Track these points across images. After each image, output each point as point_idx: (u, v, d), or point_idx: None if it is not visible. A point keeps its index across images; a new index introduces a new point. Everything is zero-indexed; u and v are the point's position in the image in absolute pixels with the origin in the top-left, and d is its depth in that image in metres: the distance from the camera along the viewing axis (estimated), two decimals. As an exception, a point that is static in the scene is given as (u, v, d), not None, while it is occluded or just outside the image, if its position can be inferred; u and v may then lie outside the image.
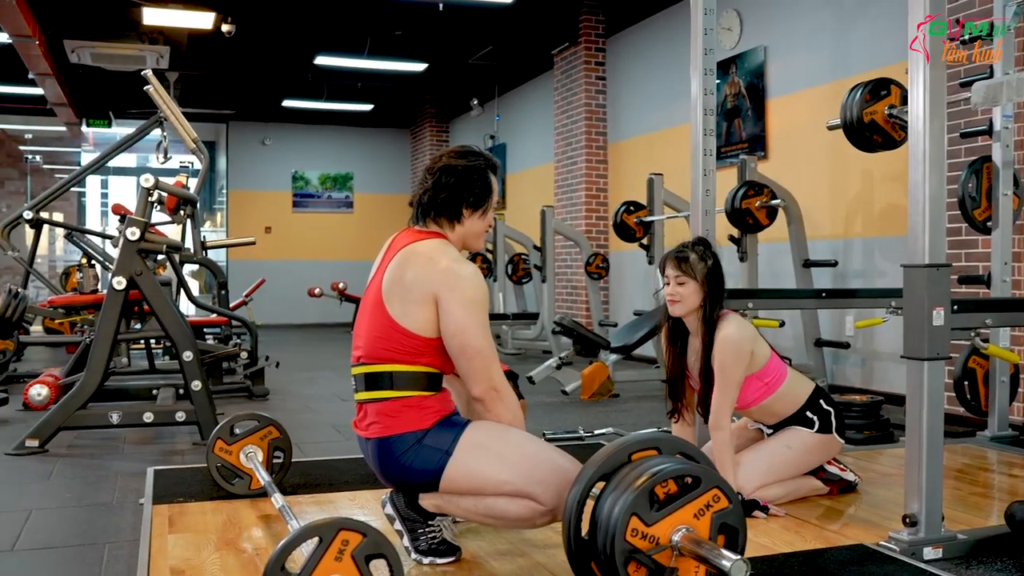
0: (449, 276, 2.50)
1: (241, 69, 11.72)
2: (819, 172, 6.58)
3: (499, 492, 2.47)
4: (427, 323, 2.50)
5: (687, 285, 3.23)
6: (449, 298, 2.48)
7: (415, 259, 2.55)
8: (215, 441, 3.39)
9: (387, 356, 2.52)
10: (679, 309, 3.27)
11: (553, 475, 2.43)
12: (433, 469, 2.48)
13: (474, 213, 2.66)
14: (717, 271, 3.27)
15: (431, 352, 2.52)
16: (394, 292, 2.54)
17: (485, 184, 2.66)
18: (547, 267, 8.65)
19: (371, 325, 2.58)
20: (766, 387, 3.24)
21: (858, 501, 3.36)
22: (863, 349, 6.21)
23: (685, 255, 3.26)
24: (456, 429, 2.51)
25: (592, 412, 5.81)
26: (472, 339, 2.48)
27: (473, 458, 2.47)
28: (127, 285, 4.56)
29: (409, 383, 2.51)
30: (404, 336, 2.50)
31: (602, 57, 9.65)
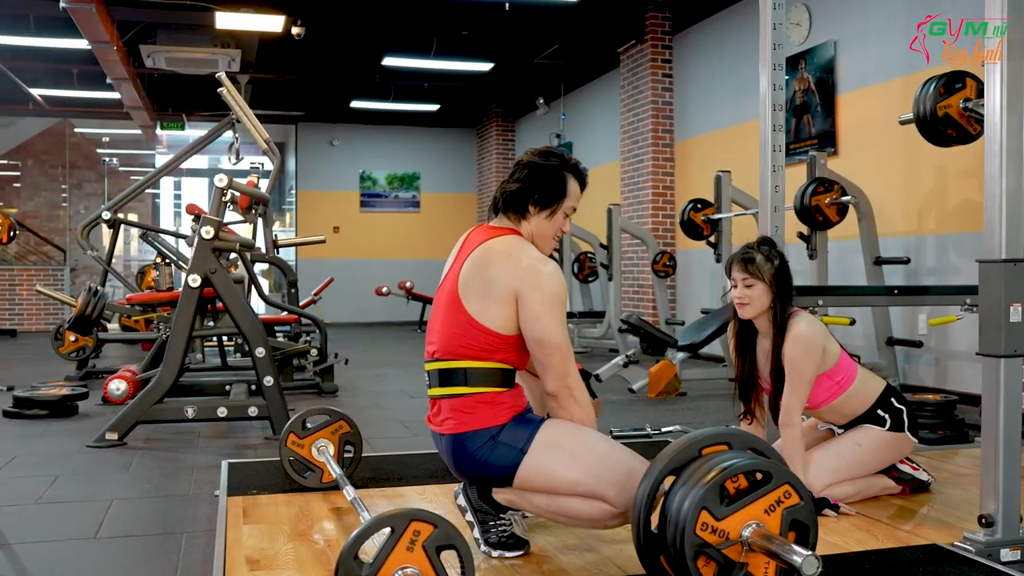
0: (531, 274, 2.51)
1: (310, 71, 11.91)
2: (891, 168, 6.47)
3: (572, 492, 2.48)
4: (506, 320, 2.53)
5: (755, 287, 3.20)
6: (531, 295, 2.49)
7: (495, 256, 2.57)
8: (287, 435, 3.45)
9: (462, 352, 2.55)
10: (748, 312, 3.24)
11: (625, 477, 2.43)
12: (508, 465, 2.51)
13: (541, 212, 2.66)
14: (785, 271, 3.24)
15: (507, 348, 2.55)
16: (472, 288, 2.56)
17: (557, 184, 2.65)
18: (613, 265, 8.63)
19: (446, 321, 2.61)
20: (837, 386, 3.21)
21: (931, 501, 3.31)
22: (936, 348, 6.09)
23: (751, 256, 3.23)
24: (531, 427, 2.53)
25: (659, 410, 5.79)
26: (550, 333, 2.50)
27: (547, 457, 2.49)
28: (202, 283, 4.66)
29: (483, 379, 2.54)
30: (481, 332, 2.53)
31: (668, 55, 9.60)
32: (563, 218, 2.70)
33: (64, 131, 15.56)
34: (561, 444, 2.50)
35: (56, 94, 12.71)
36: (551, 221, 2.68)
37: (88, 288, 6.24)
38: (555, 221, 2.69)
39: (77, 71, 11.32)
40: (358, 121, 14.71)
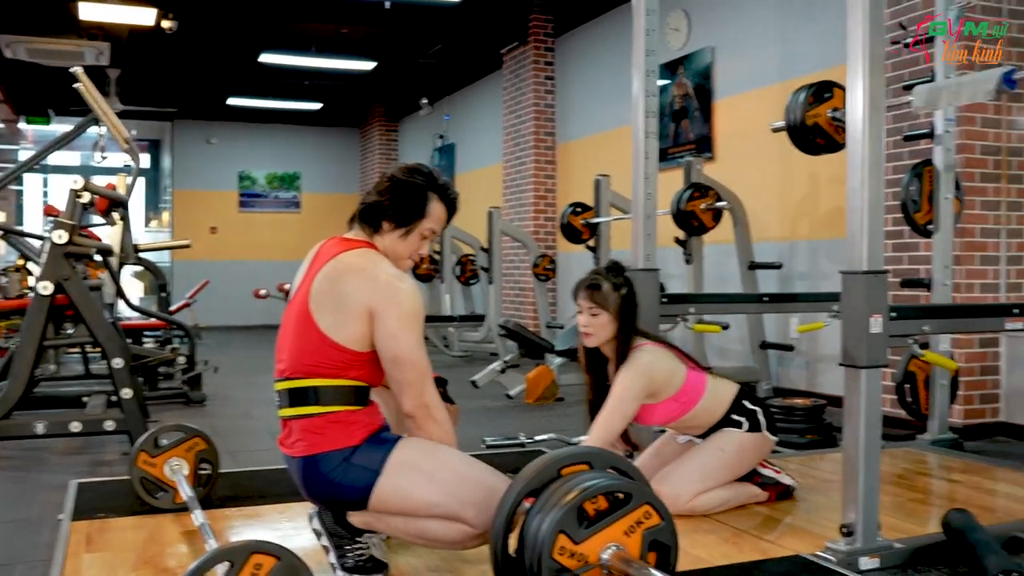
0: (388, 290, 2.41)
1: (185, 66, 11.49)
2: (765, 174, 6.58)
3: (430, 514, 2.38)
4: (360, 337, 2.41)
5: (600, 317, 3.17)
6: (387, 311, 2.38)
7: (348, 271, 2.45)
8: (138, 453, 3.26)
9: (313, 370, 2.42)
10: (593, 341, 3.22)
11: (485, 498, 2.34)
12: (362, 488, 2.39)
13: (395, 230, 2.54)
14: (631, 301, 3.21)
15: (361, 365, 2.43)
16: (324, 304, 2.43)
17: (417, 203, 2.54)
18: (494, 269, 8.58)
19: (297, 338, 2.48)
20: (682, 405, 3.21)
21: (796, 508, 3.32)
22: (807, 352, 6.21)
23: (597, 283, 3.19)
24: (386, 447, 2.42)
25: (536, 416, 5.75)
26: (407, 351, 2.40)
27: (403, 478, 2.38)
28: (54, 290, 4.40)
29: (336, 398, 2.41)
30: (334, 349, 2.41)
31: (551, 57, 9.60)
32: (420, 239, 2.58)
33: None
34: (417, 464, 2.40)
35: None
36: (405, 241, 2.56)
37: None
38: (410, 241, 2.56)
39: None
40: (236, 119, 14.32)
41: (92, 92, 4.97)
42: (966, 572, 2.62)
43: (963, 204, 4.68)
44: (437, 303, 10.36)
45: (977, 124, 4.88)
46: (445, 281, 9.87)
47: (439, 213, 2.59)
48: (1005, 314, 3.11)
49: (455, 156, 12.15)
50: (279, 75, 11.62)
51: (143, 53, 10.48)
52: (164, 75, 11.91)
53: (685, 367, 3.25)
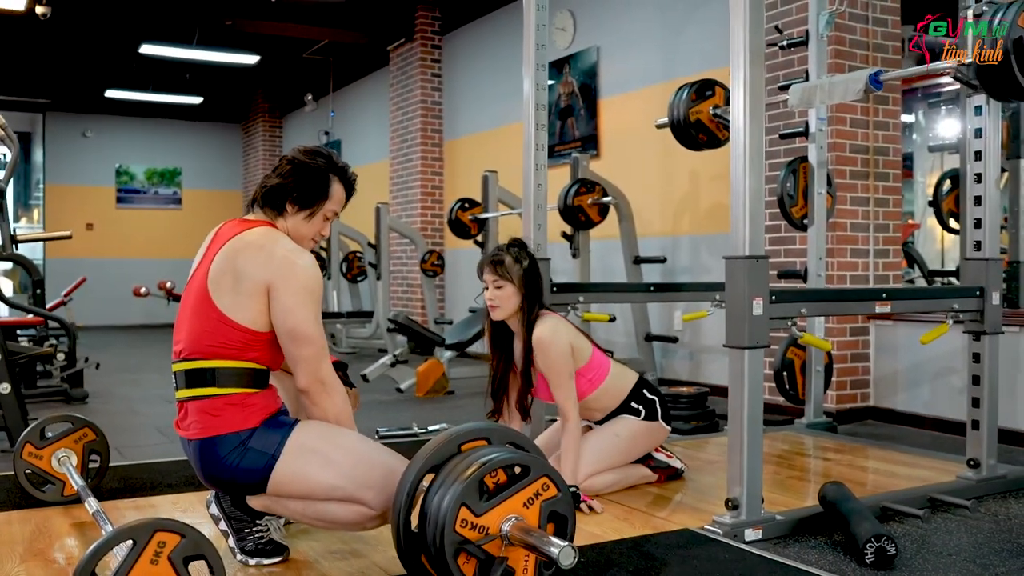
0: (284, 265, 2.41)
1: (59, 55, 11.10)
2: (649, 171, 6.76)
3: (328, 497, 2.40)
4: (258, 315, 2.41)
5: (505, 288, 3.24)
6: (283, 286, 2.39)
7: (247, 249, 2.45)
8: (23, 445, 3.18)
9: (211, 351, 2.42)
10: (500, 313, 3.28)
11: (383, 479, 2.38)
12: (260, 471, 2.39)
13: (299, 212, 2.56)
14: (534, 272, 3.29)
15: (259, 346, 2.43)
16: (223, 284, 2.43)
17: (319, 185, 2.56)
18: (382, 264, 8.57)
19: (194, 319, 2.47)
20: (590, 383, 3.30)
21: (685, 488, 3.46)
22: (690, 343, 6.42)
23: (500, 258, 3.27)
24: (284, 430, 2.43)
25: (427, 409, 5.79)
26: (302, 325, 2.40)
27: (300, 462, 2.39)
28: (-75, 281, 4.23)
29: (233, 379, 2.41)
30: (232, 329, 2.40)
31: (438, 54, 9.65)
32: (323, 221, 2.61)
33: None
34: (315, 447, 2.41)
35: None
36: (310, 222, 2.58)
37: None
38: (314, 223, 2.59)
39: None
40: (114, 112, 13.88)
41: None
42: (842, 540, 2.78)
43: (835, 200, 4.92)
44: (324, 300, 10.28)
45: (847, 124, 5.14)
46: (332, 278, 9.81)
47: (340, 194, 2.63)
48: (875, 298, 3.31)
49: (341, 152, 12.05)
50: (160, 67, 11.34)
51: (13, 39, 10.09)
52: (36, 63, 11.47)
53: (591, 344, 3.35)
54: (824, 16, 4.49)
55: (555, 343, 3.18)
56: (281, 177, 2.57)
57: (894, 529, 2.94)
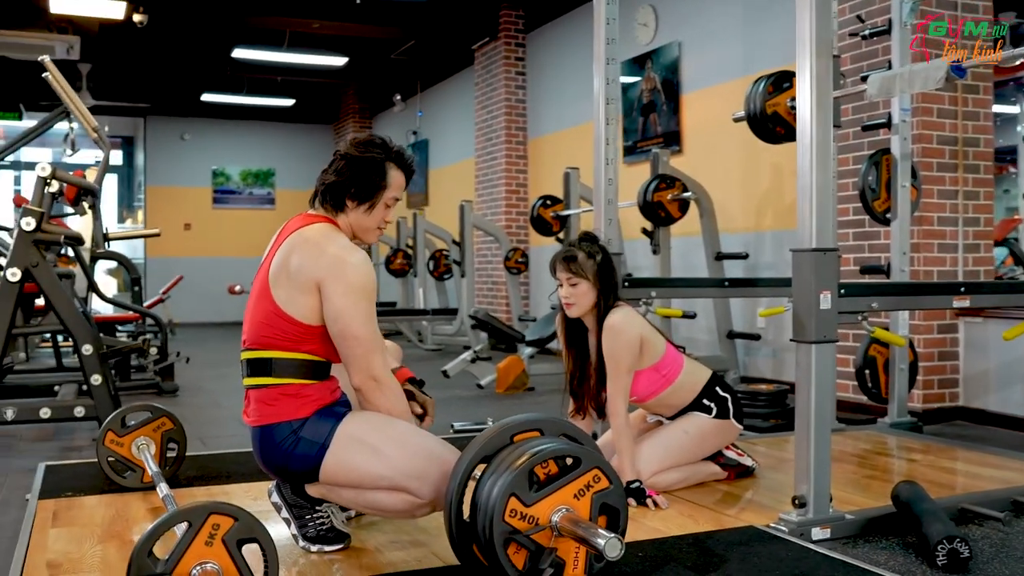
0: (334, 264, 2.44)
1: (157, 61, 11.48)
2: (731, 166, 6.67)
3: (376, 486, 2.44)
4: (310, 310, 2.46)
5: (579, 286, 3.22)
6: (333, 285, 2.42)
7: (302, 245, 2.50)
8: (105, 433, 3.30)
9: (269, 342, 2.48)
10: (576, 311, 3.26)
11: (430, 467, 2.40)
12: (310, 460, 2.44)
13: (359, 206, 2.59)
14: (608, 266, 3.26)
15: (314, 339, 2.48)
16: (280, 278, 2.49)
17: (376, 176, 2.58)
18: (466, 262, 8.63)
19: (255, 310, 2.54)
20: (663, 379, 3.26)
21: (756, 486, 3.40)
22: (773, 340, 6.31)
23: (573, 255, 3.25)
24: (333, 420, 2.47)
25: (506, 405, 5.81)
26: (352, 326, 2.43)
27: (348, 452, 2.43)
28: (22, 277, 4.42)
29: (289, 370, 2.46)
30: (287, 323, 2.46)
31: (522, 52, 9.67)
32: (384, 209, 2.63)
33: None
34: (362, 437, 2.45)
35: None
36: (371, 214, 2.61)
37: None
38: (376, 214, 2.62)
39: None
40: (210, 115, 14.29)
41: (60, 81, 4.99)
42: (914, 542, 2.70)
43: (920, 192, 4.77)
44: (411, 297, 10.42)
45: (934, 115, 4.98)
46: (418, 275, 9.92)
47: (399, 180, 2.64)
48: (953, 292, 3.20)
49: (428, 152, 12.19)
50: (252, 70, 11.63)
51: (114, 47, 10.46)
52: (136, 70, 11.89)
53: (664, 340, 3.32)
54: (908, 3, 4.37)
55: (624, 331, 3.15)
56: (337, 174, 2.58)
57: (972, 532, 2.83)
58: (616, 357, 3.16)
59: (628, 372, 3.18)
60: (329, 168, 2.63)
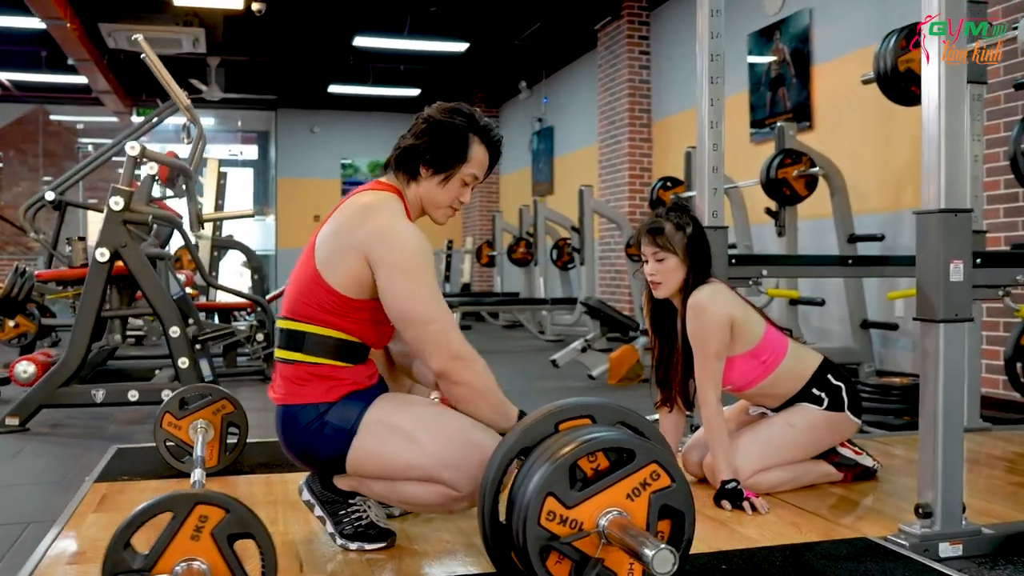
0: (378, 233, 2.16)
1: (281, 51, 11.53)
2: (867, 140, 6.11)
3: (406, 477, 2.15)
4: (350, 279, 2.18)
5: (667, 261, 2.83)
6: (382, 259, 2.14)
7: (352, 209, 2.25)
8: (163, 415, 3.12)
9: (305, 312, 2.22)
10: (663, 290, 2.88)
11: (468, 456, 2.09)
12: (337, 448, 2.17)
13: (434, 176, 2.30)
14: (699, 239, 2.86)
15: (351, 314, 2.20)
16: (325, 242, 2.24)
17: (457, 146, 2.29)
18: (585, 249, 8.27)
19: (298, 276, 2.29)
20: (763, 366, 2.85)
21: (877, 490, 2.95)
22: (914, 331, 5.72)
23: (660, 226, 2.85)
24: (361, 404, 2.19)
25: (618, 397, 5.40)
26: (416, 304, 2.12)
27: (377, 439, 2.15)
28: (111, 257, 4.33)
29: (321, 349, 2.20)
30: (324, 291, 2.19)
31: (645, 31, 9.24)
32: (461, 186, 2.33)
33: (38, 118, 15.26)
34: (391, 422, 2.16)
35: (24, 78, 12.45)
36: (445, 188, 2.32)
37: (15, 268, 5.91)
38: (450, 188, 2.32)
39: (46, 54, 11.01)
40: (338, 107, 14.38)
41: (153, 59, 4.90)
42: (1067, 562, 2.23)
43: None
44: (533, 287, 10.14)
45: (1101, 71, 4.36)
46: (539, 264, 9.62)
47: (481, 157, 2.34)
48: (1119, 265, 2.68)
49: (553, 139, 11.88)
50: (375, 59, 11.56)
51: (239, 39, 10.56)
52: (262, 62, 11.99)
53: (764, 320, 2.91)
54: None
55: (710, 309, 2.76)
56: (415, 137, 2.31)
57: None
58: (702, 339, 2.77)
59: (717, 357, 2.78)
60: (408, 131, 2.36)
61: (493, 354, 8.27)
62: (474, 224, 14.23)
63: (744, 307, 2.85)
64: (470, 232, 14.27)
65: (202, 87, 11.42)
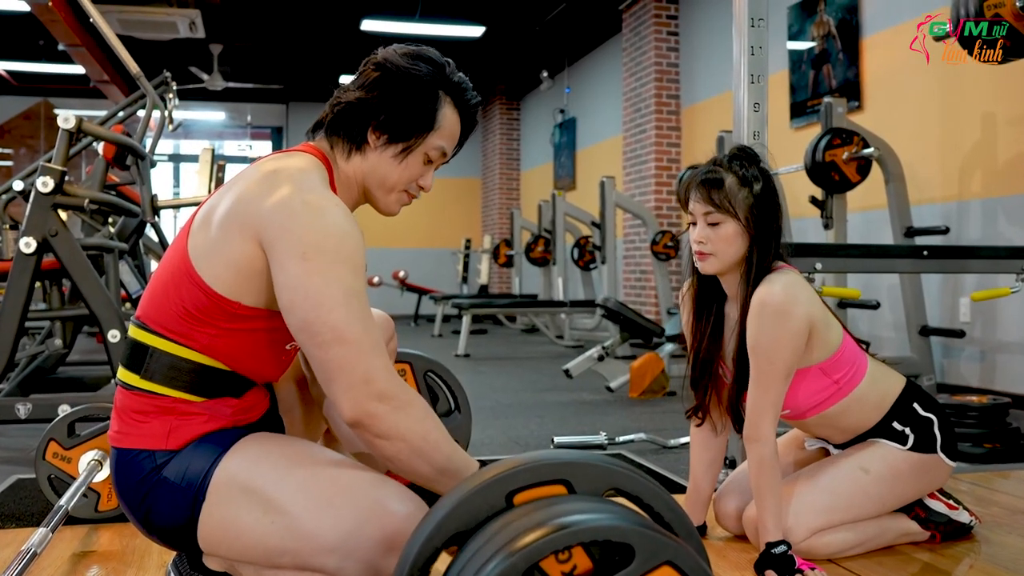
0: (282, 207, 1.46)
1: (287, 38, 10.89)
2: (926, 121, 5.34)
3: (274, 564, 1.45)
4: (232, 271, 1.49)
5: (723, 226, 2.05)
6: (281, 243, 1.44)
7: (250, 177, 1.56)
8: (47, 443, 2.44)
9: (159, 319, 1.53)
10: (713, 264, 2.10)
11: (360, 533, 1.40)
12: (178, 517, 1.48)
13: (388, 146, 1.63)
14: (769, 201, 2.08)
15: (224, 325, 1.51)
16: (204, 221, 1.55)
17: (423, 107, 1.63)
18: (607, 246, 7.55)
19: (161, 269, 1.59)
20: (835, 386, 2.09)
21: (975, 553, 2.21)
22: (982, 339, 4.96)
23: (717, 177, 2.07)
24: (214, 452, 1.49)
25: (637, 413, 4.72)
26: (322, 311, 1.42)
27: (229, 507, 1.46)
28: (38, 247, 3.67)
29: (166, 372, 1.51)
30: (191, 287, 1.51)
31: (674, 10, 8.49)
32: (423, 164, 1.67)
33: (40, 112, 14.79)
34: (250, 482, 1.46)
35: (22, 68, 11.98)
36: (403, 163, 1.65)
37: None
38: (409, 165, 1.65)
39: (43, 43, 10.49)
40: (352, 100, 13.75)
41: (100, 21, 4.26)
42: None
43: None
44: (550, 288, 9.43)
45: None
46: (557, 263, 8.89)
47: (453, 125, 1.69)
48: None
49: (576, 131, 11.16)
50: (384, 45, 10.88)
51: (241, 24, 9.94)
52: (268, 49, 11.36)
53: (841, 328, 2.15)
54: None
55: (788, 311, 1.98)
56: (364, 90, 1.64)
57: None
58: (769, 352, 2.00)
59: (785, 377, 2.02)
60: (352, 84, 1.68)
61: (503, 361, 7.56)
62: (493, 222, 13.54)
63: (822, 306, 2.09)
64: (489, 230, 13.59)
65: (203, 76, 10.82)
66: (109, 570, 2.06)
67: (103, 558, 2.15)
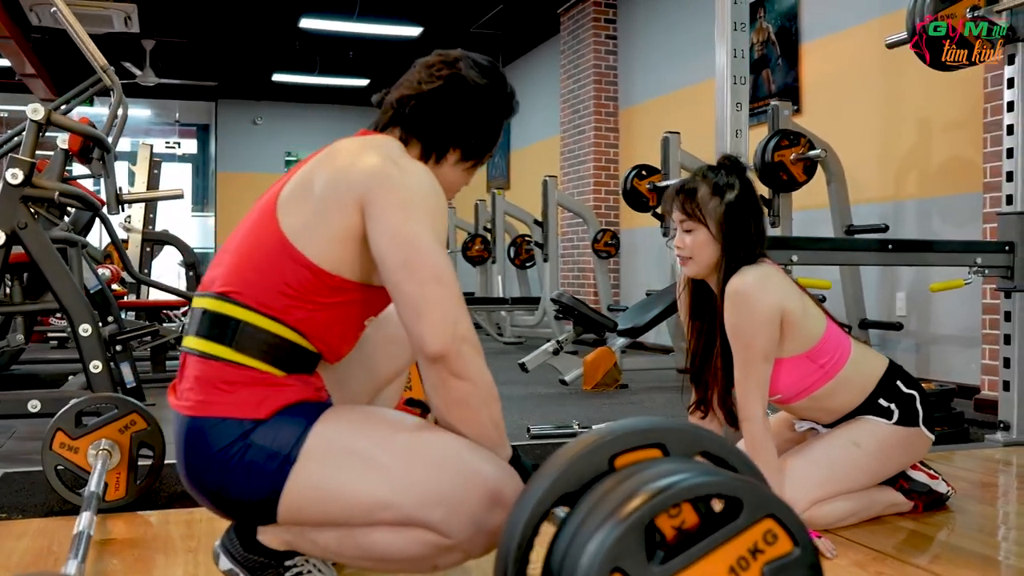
0: (379, 175, 1.54)
1: (222, 34, 10.78)
2: (864, 124, 5.60)
3: (373, 520, 1.50)
4: (336, 244, 1.54)
5: (696, 233, 2.26)
6: (381, 200, 1.52)
7: (334, 154, 1.62)
8: (53, 434, 2.45)
9: (253, 293, 1.56)
10: (692, 268, 2.30)
11: (464, 488, 1.47)
12: (265, 484, 1.51)
13: (460, 163, 1.72)
14: (740, 209, 2.25)
15: (321, 299, 1.56)
16: (294, 198, 1.59)
17: (494, 131, 1.74)
18: (549, 244, 7.69)
19: (246, 243, 1.62)
20: (820, 371, 2.27)
21: (951, 522, 2.39)
22: (917, 332, 5.22)
23: (693, 187, 2.27)
24: (303, 421, 1.53)
25: (594, 405, 4.86)
26: (419, 250, 1.48)
27: (327, 467, 1.50)
28: (7, 240, 3.63)
29: (257, 347, 1.54)
30: (293, 264, 1.55)
31: (612, 14, 8.68)
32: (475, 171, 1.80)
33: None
34: (349, 444, 1.52)
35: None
36: (468, 173, 1.77)
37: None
38: (470, 175, 1.78)
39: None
40: (283, 98, 13.64)
41: (68, 16, 4.22)
42: None
43: None
44: (489, 287, 9.52)
45: None
46: (497, 262, 9.00)
47: None
48: None
49: (509, 131, 11.27)
50: (322, 44, 10.86)
51: (176, 20, 9.81)
52: (201, 44, 11.21)
53: (824, 314, 2.33)
54: None
55: (754, 299, 2.18)
56: (451, 104, 1.68)
57: None
58: (744, 337, 2.19)
59: (764, 359, 2.20)
60: (427, 90, 1.69)
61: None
62: (425, 222, 13.58)
63: (801, 297, 2.27)
64: (421, 230, 13.62)
65: (136, 71, 10.64)
66: (137, 556, 2.10)
67: (126, 545, 2.18)
